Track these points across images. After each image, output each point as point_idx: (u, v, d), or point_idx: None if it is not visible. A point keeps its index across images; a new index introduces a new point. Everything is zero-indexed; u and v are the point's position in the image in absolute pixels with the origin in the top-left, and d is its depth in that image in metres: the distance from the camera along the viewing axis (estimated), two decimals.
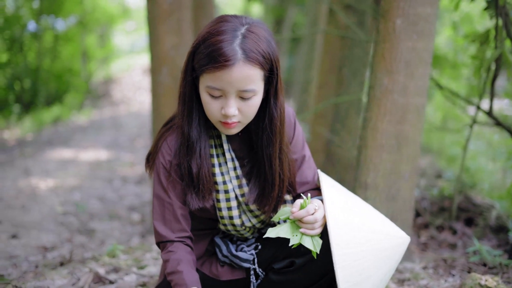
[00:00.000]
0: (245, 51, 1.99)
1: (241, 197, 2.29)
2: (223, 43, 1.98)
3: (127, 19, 20.55)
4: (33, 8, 13.16)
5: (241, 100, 2.06)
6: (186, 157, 2.20)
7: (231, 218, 2.30)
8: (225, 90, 2.02)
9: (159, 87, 4.42)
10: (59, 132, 11.34)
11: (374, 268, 2.05)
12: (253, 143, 2.28)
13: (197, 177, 2.21)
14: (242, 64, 1.98)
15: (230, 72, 1.98)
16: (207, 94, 2.06)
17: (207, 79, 2.03)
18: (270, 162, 2.23)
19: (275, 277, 2.29)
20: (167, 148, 2.26)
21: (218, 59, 1.97)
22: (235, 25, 2.04)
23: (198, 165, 2.20)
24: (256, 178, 2.28)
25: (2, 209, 5.32)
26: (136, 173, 7.56)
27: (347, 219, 2.05)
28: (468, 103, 4.16)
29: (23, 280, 3.19)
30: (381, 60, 3.08)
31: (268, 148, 2.22)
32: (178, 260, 2.21)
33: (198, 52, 2.05)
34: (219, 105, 2.06)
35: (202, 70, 2.03)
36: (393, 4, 3.02)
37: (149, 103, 14.42)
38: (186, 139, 2.19)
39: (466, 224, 4.16)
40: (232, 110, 2.04)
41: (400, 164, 3.12)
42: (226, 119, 2.07)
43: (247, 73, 2.00)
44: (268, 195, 2.26)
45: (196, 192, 2.22)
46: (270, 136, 2.20)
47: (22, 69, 12.89)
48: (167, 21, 4.30)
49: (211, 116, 2.12)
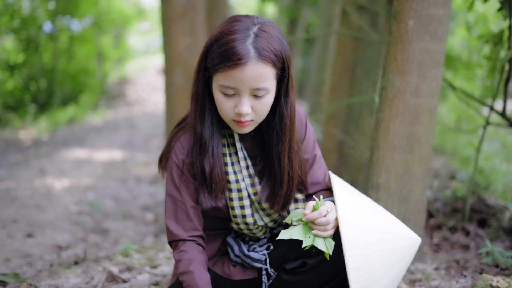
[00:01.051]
0: (257, 49, 2.01)
1: (254, 195, 2.31)
2: (236, 42, 2.00)
3: (142, 19, 20.66)
4: (49, 9, 13.25)
5: (254, 98, 2.08)
6: (199, 156, 2.22)
7: (243, 216, 2.31)
8: (239, 88, 2.04)
9: (172, 87, 4.45)
10: (74, 132, 11.42)
11: (386, 269, 2.06)
12: (265, 141, 2.30)
13: (209, 176, 2.22)
14: (255, 62, 2.00)
15: (243, 70, 2.00)
16: (221, 93, 2.08)
17: (220, 78, 2.05)
18: (279, 160, 2.25)
19: (287, 277, 2.30)
20: (180, 148, 2.28)
21: (232, 57, 1.99)
22: (247, 24, 2.06)
23: (210, 164, 2.22)
24: (268, 177, 2.30)
25: (18, 209, 5.38)
26: (150, 173, 7.60)
27: (359, 220, 2.06)
28: (481, 104, 4.15)
29: (38, 278, 3.23)
30: (393, 61, 3.08)
31: (278, 146, 2.23)
32: (190, 260, 2.23)
33: (211, 51, 2.07)
34: (232, 104, 2.08)
35: (215, 69, 2.05)
36: (406, 5, 3.02)
37: (163, 103, 14.56)
38: (199, 138, 2.21)
39: (479, 225, 4.15)
40: (246, 108, 2.06)
41: (412, 165, 3.12)
42: (240, 117, 2.09)
43: (260, 71, 2.02)
44: (277, 193, 2.28)
45: (208, 191, 2.24)
46: (280, 134, 2.21)
47: (38, 69, 13.01)
48: (181, 22, 4.32)
49: (224, 115, 2.13)
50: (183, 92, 4.39)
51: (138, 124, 12.32)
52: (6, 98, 11.93)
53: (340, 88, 4.70)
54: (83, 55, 15.03)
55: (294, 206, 2.37)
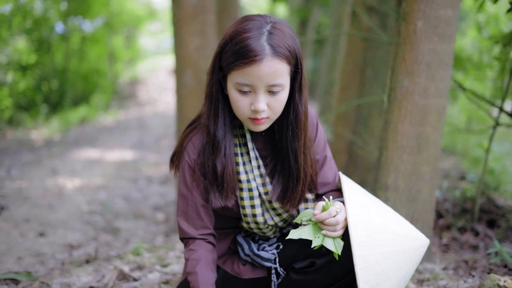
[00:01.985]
0: (272, 46, 2.04)
1: (265, 195, 2.33)
2: (250, 39, 2.03)
3: (153, 20, 20.70)
4: (61, 10, 13.32)
5: (269, 95, 2.10)
6: (211, 155, 2.25)
7: (254, 216, 2.34)
8: (255, 85, 2.06)
9: (183, 88, 4.48)
10: (86, 132, 11.48)
11: (394, 270, 2.07)
12: (277, 140, 2.32)
13: (221, 176, 2.25)
14: (270, 58, 2.03)
15: (259, 67, 2.03)
16: (236, 91, 2.11)
17: (236, 76, 2.08)
18: (296, 156, 2.27)
19: (296, 276, 2.32)
20: (192, 147, 2.30)
21: (248, 54, 2.02)
22: (260, 23, 2.09)
23: (223, 164, 2.24)
24: (279, 176, 2.33)
25: (30, 208, 5.42)
26: (161, 173, 7.64)
27: (368, 221, 2.08)
28: (491, 104, 4.16)
29: (50, 277, 3.27)
30: (402, 62, 3.10)
31: (294, 143, 2.26)
32: (197, 260, 2.26)
33: (226, 51, 2.09)
34: (248, 101, 2.10)
35: (230, 68, 2.08)
36: (414, 7, 3.03)
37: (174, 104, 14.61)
38: (212, 138, 2.24)
39: (488, 226, 4.15)
40: (262, 105, 2.08)
41: (421, 165, 3.14)
42: (256, 114, 2.11)
43: (275, 68, 2.05)
44: (292, 190, 2.30)
45: (219, 190, 2.27)
46: (296, 131, 2.24)
47: (50, 70, 13.09)
48: (191, 23, 4.35)
49: (240, 113, 2.16)
50: (194, 93, 4.42)
51: (149, 124, 12.37)
52: (18, 99, 12.00)
53: (350, 88, 4.72)
54: (94, 55, 15.10)
55: (304, 205, 2.39)
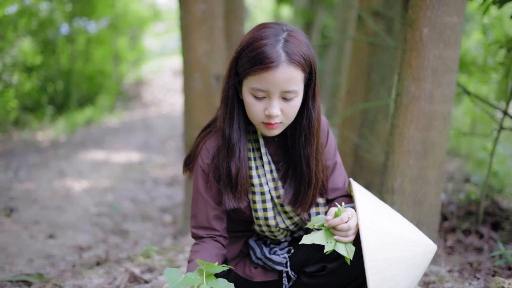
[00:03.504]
0: (288, 53, 2.10)
1: (277, 198, 2.38)
2: (267, 46, 2.09)
3: (158, 21, 20.72)
4: (66, 11, 13.37)
5: (283, 101, 2.16)
6: (226, 158, 2.30)
7: (266, 219, 2.39)
8: (269, 91, 2.12)
9: (191, 92, 4.52)
10: (91, 133, 11.53)
11: (403, 275, 2.12)
12: (289, 146, 2.38)
13: (235, 178, 2.30)
14: (285, 65, 2.09)
15: (274, 73, 2.08)
16: (251, 96, 2.16)
17: (251, 81, 2.13)
18: (308, 161, 2.33)
19: (307, 280, 2.37)
20: (206, 152, 2.36)
21: (264, 60, 2.07)
22: (277, 30, 2.15)
23: (237, 167, 2.30)
24: (291, 180, 2.38)
25: (39, 210, 5.47)
26: (167, 174, 7.68)
27: (379, 226, 2.12)
28: (495, 108, 4.20)
29: (62, 278, 3.32)
30: (408, 68, 3.15)
31: (306, 148, 2.31)
32: (197, 251, 2.33)
33: (242, 56, 2.15)
34: (262, 106, 2.16)
35: (246, 73, 2.13)
36: (420, 14, 3.08)
37: (179, 104, 14.65)
38: (227, 141, 2.29)
39: (493, 228, 4.19)
40: (276, 110, 2.14)
41: (427, 170, 3.18)
42: (270, 119, 2.17)
43: (290, 74, 2.10)
44: (304, 194, 2.35)
45: (233, 192, 2.32)
46: (308, 136, 2.30)
47: (55, 71, 13.13)
48: (200, 28, 4.40)
49: (254, 118, 2.21)
50: (202, 96, 4.47)
51: (154, 125, 12.41)
52: (24, 100, 12.05)
53: (356, 92, 4.77)
54: (99, 56, 15.14)
55: (315, 210, 2.44)
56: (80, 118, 12.66)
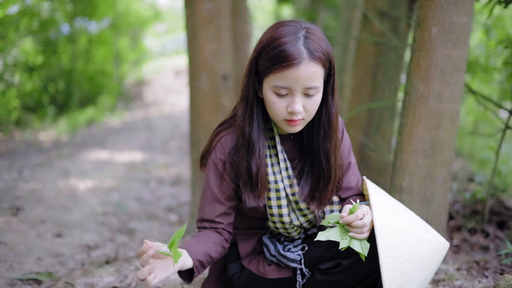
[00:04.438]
0: (309, 50, 2.13)
1: (292, 196, 2.41)
2: (288, 44, 2.12)
3: (158, 21, 20.73)
4: (67, 11, 13.38)
5: (305, 97, 2.19)
6: (246, 157, 2.32)
7: (280, 216, 2.41)
8: (292, 88, 2.15)
9: (198, 92, 4.53)
10: (94, 133, 11.53)
11: (417, 272, 2.15)
12: (306, 142, 2.41)
13: (256, 177, 2.33)
14: (307, 62, 2.12)
15: (297, 70, 2.11)
16: (273, 93, 2.19)
17: (273, 79, 2.16)
18: (328, 156, 2.36)
19: (321, 277, 2.39)
20: (220, 147, 2.39)
21: (287, 58, 2.11)
22: (296, 28, 2.18)
23: (257, 165, 2.32)
24: (307, 176, 2.41)
25: (45, 209, 5.49)
26: (171, 174, 7.70)
27: (393, 224, 2.15)
28: (500, 107, 4.21)
29: (72, 277, 3.33)
30: (416, 67, 3.17)
31: (326, 143, 2.35)
32: (196, 236, 2.35)
33: (263, 55, 2.18)
34: (285, 103, 2.19)
35: (268, 71, 2.17)
36: (429, 14, 3.11)
37: (180, 105, 14.65)
38: (247, 139, 2.31)
39: (498, 227, 4.20)
40: (299, 106, 2.17)
41: (435, 169, 3.21)
42: (292, 116, 2.20)
43: (312, 71, 2.14)
44: (323, 189, 2.39)
45: (253, 191, 2.35)
46: (328, 132, 2.33)
47: (56, 71, 13.14)
48: (207, 28, 4.41)
49: (276, 115, 2.24)
50: (209, 96, 4.48)
51: (156, 125, 12.41)
52: (25, 100, 12.05)
53: (361, 92, 4.78)
54: (100, 57, 15.13)
55: (329, 207, 2.47)
56: (82, 118, 12.67)
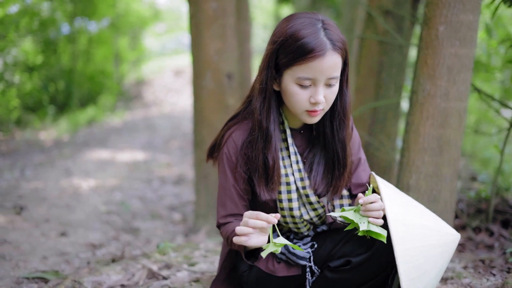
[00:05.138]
0: (332, 41, 2.16)
1: (302, 189, 2.41)
2: (311, 35, 2.14)
3: (158, 21, 20.73)
4: (67, 11, 13.38)
5: (326, 87, 2.21)
6: (263, 150, 2.33)
7: (291, 209, 2.41)
8: (316, 78, 2.17)
9: (202, 91, 4.53)
10: (94, 133, 11.54)
11: (431, 264, 2.16)
12: (320, 132, 2.42)
13: (272, 170, 2.34)
14: (331, 53, 2.15)
15: (322, 61, 2.14)
16: (297, 85, 2.20)
17: (297, 71, 2.17)
18: (344, 145, 2.39)
19: (331, 274, 2.38)
20: (233, 143, 2.39)
21: (313, 49, 2.13)
22: (313, 20, 2.20)
23: (273, 158, 2.33)
24: (319, 167, 2.43)
25: (48, 208, 5.49)
26: (174, 173, 7.71)
27: (405, 217, 2.15)
28: (505, 106, 4.22)
29: (79, 275, 3.34)
30: (424, 66, 3.18)
31: (342, 132, 2.38)
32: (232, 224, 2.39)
33: (284, 48, 2.19)
34: (307, 94, 2.21)
35: (291, 64, 2.18)
36: (437, 12, 3.11)
37: (180, 104, 14.66)
38: (265, 132, 2.32)
39: (503, 226, 4.20)
40: (322, 97, 2.19)
41: (442, 167, 3.21)
42: (315, 106, 2.22)
43: (334, 61, 2.17)
44: (339, 178, 2.41)
45: (268, 184, 2.36)
46: (343, 120, 2.36)
47: (56, 71, 13.14)
48: (212, 27, 4.41)
49: (298, 107, 2.25)
50: (214, 95, 4.49)
51: (156, 125, 12.42)
52: (26, 99, 12.05)
53: (366, 91, 4.78)
54: (100, 56, 15.14)
55: (339, 201, 2.47)
56: (82, 118, 12.68)
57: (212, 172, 4.61)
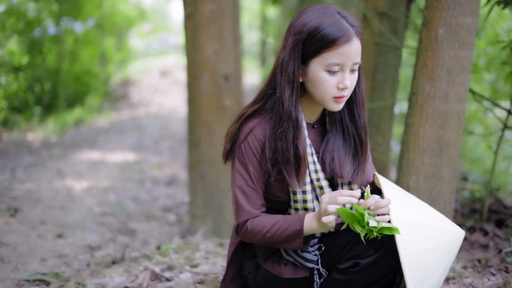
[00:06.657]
0: (354, 27, 2.23)
1: (317, 181, 2.41)
2: (336, 23, 2.20)
3: (143, 21, 20.67)
4: (53, 11, 13.32)
5: (351, 73, 2.27)
6: (294, 139, 2.33)
7: (304, 201, 2.41)
8: (345, 63, 2.22)
9: (199, 92, 4.54)
10: (83, 134, 11.50)
11: (436, 264, 2.17)
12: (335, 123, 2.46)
13: (303, 159, 2.35)
14: (356, 38, 2.22)
15: (350, 46, 2.20)
16: (326, 72, 2.24)
17: (327, 57, 2.21)
18: (366, 130, 2.46)
19: (339, 276, 2.38)
20: (255, 140, 2.37)
21: (343, 34, 2.19)
22: (330, 9, 2.27)
23: (303, 147, 2.35)
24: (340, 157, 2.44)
25: (43, 210, 5.48)
26: (166, 174, 7.71)
27: (409, 218, 2.16)
28: (499, 107, 4.26)
29: (80, 277, 3.34)
30: (423, 67, 3.21)
31: (363, 117, 2.45)
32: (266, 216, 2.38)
33: (311, 37, 2.22)
34: (336, 80, 2.25)
35: (321, 50, 2.21)
36: (436, 14, 3.14)
37: (167, 105, 14.65)
38: (295, 123, 2.32)
39: (497, 225, 4.24)
40: (349, 82, 2.25)
41: (441, 168, 3.24)
42: (342, 92, 2.26)
43: (358, 46, 2.24)
44: (363, 163, 2.47)
45: (299, 174, 2.36)
46: (363, 103, 2.43)
47: (42, 71, 13.06)
48: (209, 28, 4.43)
49: (326, 94, 2.28)
50: (211, 96, 4.50)
51: (145, 125, 12.40)
52: (12, 100, 11.95)
53: None
54: (86, 57, 15.08)
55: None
56: (70, 118, 12.63)
57: (210, 173, 4.62)
